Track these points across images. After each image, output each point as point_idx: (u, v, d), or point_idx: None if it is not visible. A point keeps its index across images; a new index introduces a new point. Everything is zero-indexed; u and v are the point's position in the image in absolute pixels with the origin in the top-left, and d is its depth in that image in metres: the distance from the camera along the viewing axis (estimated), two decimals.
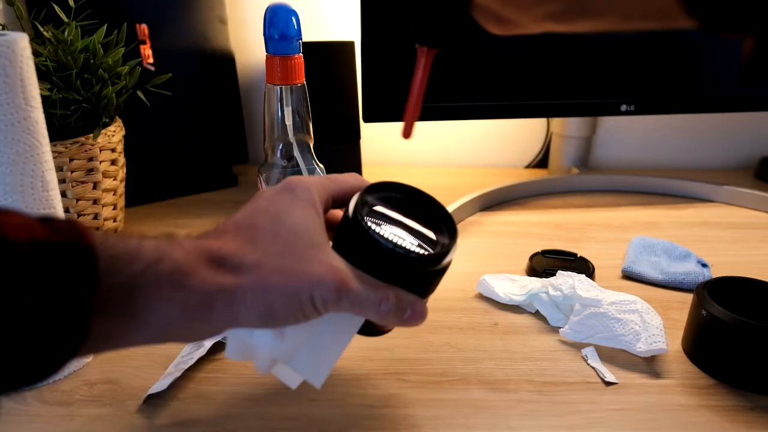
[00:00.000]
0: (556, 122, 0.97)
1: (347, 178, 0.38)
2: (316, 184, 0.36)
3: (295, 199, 0.34)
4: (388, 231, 0.36)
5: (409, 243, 0.36)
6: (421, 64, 0.40)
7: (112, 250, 0.28)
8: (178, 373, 0.46)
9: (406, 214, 0.38)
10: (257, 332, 0.35)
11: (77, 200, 0.62)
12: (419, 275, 0.35)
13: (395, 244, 0.33)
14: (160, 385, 0.44)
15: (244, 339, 0.36)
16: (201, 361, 0.48)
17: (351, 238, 0.34)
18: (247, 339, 0.36)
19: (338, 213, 0.39)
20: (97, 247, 0.27)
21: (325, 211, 0.36)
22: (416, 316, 0.36)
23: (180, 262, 0.30)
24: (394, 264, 0.34)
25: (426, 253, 0.35)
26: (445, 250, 0.35)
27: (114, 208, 0.67)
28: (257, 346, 0.36)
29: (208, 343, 0.49)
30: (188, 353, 0.48)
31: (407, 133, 0.39)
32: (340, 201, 0.37)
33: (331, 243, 0.35)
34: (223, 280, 0.31)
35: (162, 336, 0.31)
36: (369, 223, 0.34)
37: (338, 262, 0.33)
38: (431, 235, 0.37)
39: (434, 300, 0.59)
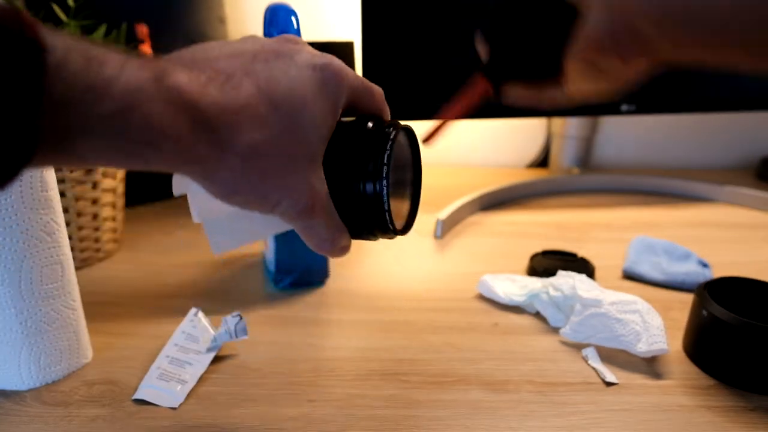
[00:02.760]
0: (556, 122, 0.97)
1: (378, 99, 0.34)
2: (352, 88, 0.32)
3: (325, 96, 0.30)
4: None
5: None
6: (475, 91, 0.42)
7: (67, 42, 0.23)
8: (194, 382, 0.46)
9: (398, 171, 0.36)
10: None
11: (76, 200, 0.62)
12: (375, 227, 0.33)
13: (387, 199, 0.31)
14: (175, 400, 0.44)
15: (187, 182, 0.33)
16: None
17: (356, 159, 0.31)
18: (190, 184, 0.33)
19: None
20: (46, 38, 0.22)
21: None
22: (336, 254, 0.34)
23: (149, 116, 0.25)
24: (369, 209, 0.32)
25: (397, 226, 0.33)
26: (393, 234, 0.34)
27: (113, 208, 0.67)
28: (195, 192, 0.33)
29: (214, 351, 0.49)
30: (178, 348, 0.48)
31: (429, 140, 0.39)
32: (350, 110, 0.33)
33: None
34: (201, 150, 0.27)
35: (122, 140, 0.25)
36: (385, 184, 0.31)
37: (320, 186, 0.31)
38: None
39: (434, 300, 0.59)
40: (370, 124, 0.32)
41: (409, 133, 0.35)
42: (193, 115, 0.26)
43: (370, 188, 0.31)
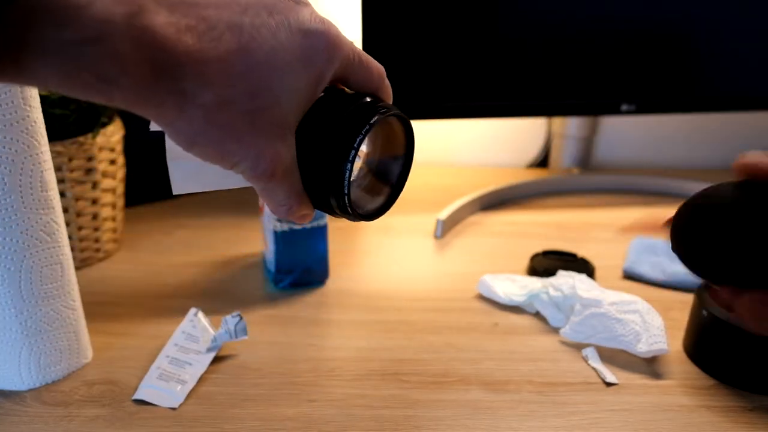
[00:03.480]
0: (556, 122, 0.97)
1: (376, 77, 0.32)
2: (346, 61, 0.30)
3: (311, 66, 0.28)
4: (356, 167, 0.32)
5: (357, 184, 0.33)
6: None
7: None
8: (194, 382, 0.46)
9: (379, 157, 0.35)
10: None
11: (76, 200, 0.61)
12: (334, 206, 0.32)
13: (349, 183, 0.30)
14: (175, 400, 0.44)
15: None
16: None
17: (331, 137, 0.30)
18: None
19: None
20: None
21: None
22: (295, 220, 0.33)
23: (114, 52, 0.24)
24: (330, 187, 0.31)
25: (356, 211, 0.33)
26: (358, 216, 0.33)
27: (113, 208, 0.67)
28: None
29: (214, 351, 0.49)
30: (178, 348, 0.48)
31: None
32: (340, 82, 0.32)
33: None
34: (162, 97, 0.26)
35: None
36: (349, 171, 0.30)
37: (286, 152, 0.29)
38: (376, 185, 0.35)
39: (434, 300, 0.59)
40: (358, 102, 0.31)
41: (405, 122, 0.34)
42: (160, 60, 0.25)
43: (334, 167, 0.30)
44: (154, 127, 0.32)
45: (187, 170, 0.33)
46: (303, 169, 0.31)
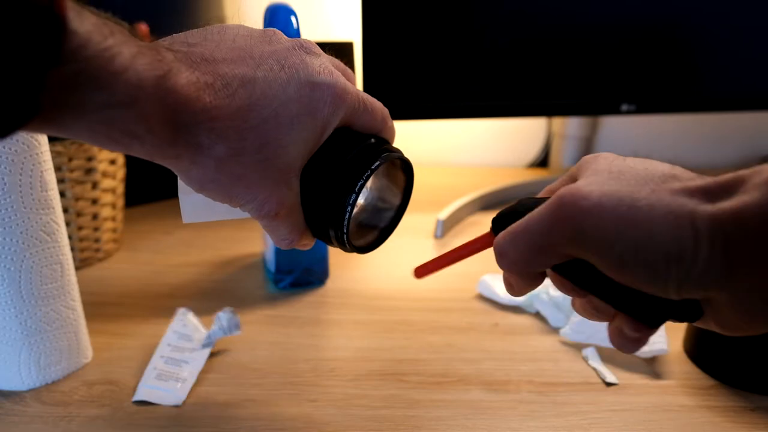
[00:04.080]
0: (556, 122, 0.97)
1: (378, 120, 0.34)
2: (350, 109, 0.32)
3: (317, 118, 0.30)
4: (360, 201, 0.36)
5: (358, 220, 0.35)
6: (478, 242, 0.37)
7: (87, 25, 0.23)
8: (193, 379, 0.46)
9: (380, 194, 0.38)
10: None
11: (76, 200, 0.61)
12: (332, 238, 0.35)
13: (348, 223, 0.33)
14: (177, 398, 0.44)
15: None
16: None
17: (331, 181, 0.32)
18: None
19: None
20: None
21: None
22: (298, 248, 0.36)
23: (142, 114, 0.26)
24: (330, 226, 0.33)
25: (354, 244, 0.35)
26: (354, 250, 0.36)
27: (113, 208, 0.67)
28: None
29: (209, 348, 0.49)
30: (172, 348, 0.48)
31: (420, 274, 0.38)
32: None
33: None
34: (178, 150, 0.28)
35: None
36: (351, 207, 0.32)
37: (290, 194, 0.32)
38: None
39: (434, 300, 0.59)
40: (361, 145, 0.33)
41: (406, 164, 0.36)
42: (181, 118, 0.27)
43: (336, 210, 0.32)
44: None
45: (197, 203, 0.35)
46: (306, 207, 0.33)
